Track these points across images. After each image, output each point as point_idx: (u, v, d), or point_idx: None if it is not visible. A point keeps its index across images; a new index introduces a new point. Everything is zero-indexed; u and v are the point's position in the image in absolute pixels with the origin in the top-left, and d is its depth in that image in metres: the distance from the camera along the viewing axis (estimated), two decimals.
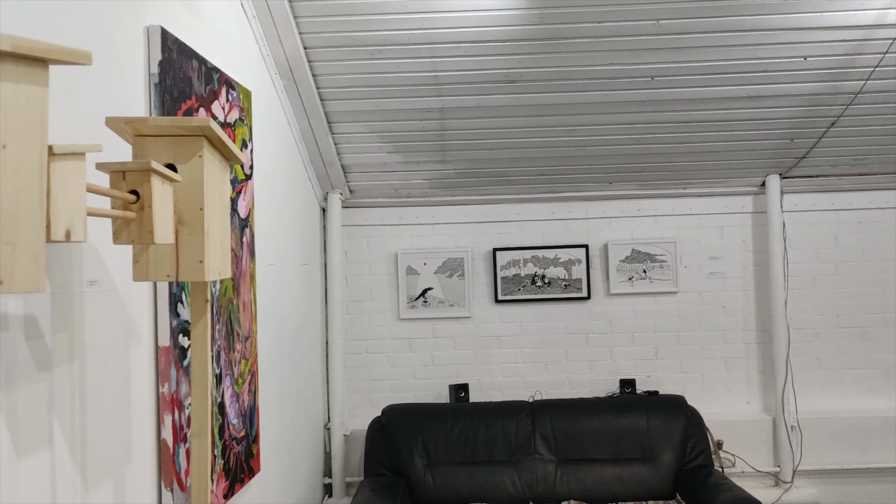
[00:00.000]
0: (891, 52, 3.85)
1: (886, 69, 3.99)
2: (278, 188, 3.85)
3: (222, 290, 2.88)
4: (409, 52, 3.79)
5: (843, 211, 5.03)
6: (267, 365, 3.52)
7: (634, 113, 4.33)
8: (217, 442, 2.81)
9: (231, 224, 2.96)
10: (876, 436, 4.85)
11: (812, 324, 5.03)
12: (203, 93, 2.70)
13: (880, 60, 3.91)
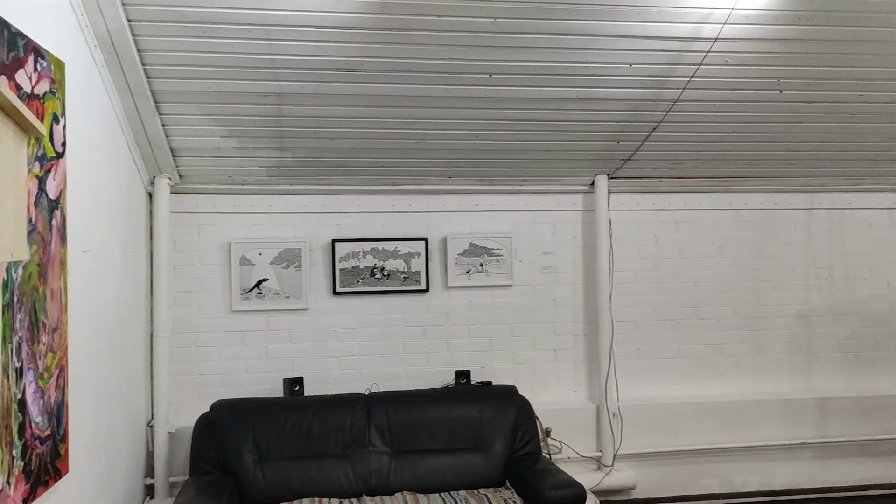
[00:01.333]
0: (705, 63, 4.15)
1: (701, 80, 4.29)
2: (97, 169, 3.59)
3: (25, 277, 2.64)
4: (244, 32, 3.64)
5: (662, 211, 5.38)
6: (80, 359, 3.27)
7: (474, 109, 4.41)
8: (16, 442, 2.57)
9: (37, 205, 2.71)
10: (687, 420, 5.22)
11: (633, 316, 5.34)
12: (5, 59, 2.45)
13: (695, 71, 4.20)
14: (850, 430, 5.37)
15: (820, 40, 4.13)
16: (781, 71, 4.33)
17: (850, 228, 5.57)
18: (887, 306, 5.59)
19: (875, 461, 5.37)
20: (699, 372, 5.42)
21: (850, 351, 5.55)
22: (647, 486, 5.14)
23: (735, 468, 5.25)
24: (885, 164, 5.29)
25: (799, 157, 5.13)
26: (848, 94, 4.57)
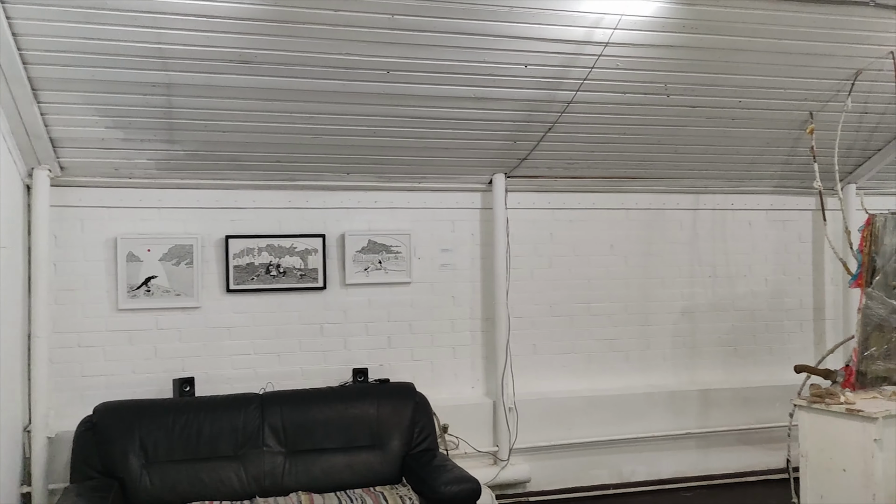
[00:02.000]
0: (597, 67, 4.27)
1: (593, 82, 4.42)
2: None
3: None
4: (129, 19, 3.50)
5: (558, 210, 5.51)
6: None
7: (371, 105, 4.38)
8: None
9: None
10: (579, 413, 5.37)
11: (529, 313, 5.45)
12: None
13: (588, 74, 4.31)
14: (729, 419, 5.65)
15: (703, 48, 4.33)
16: (668, 76, 4.52)
17: (731, 228, 5.86)
18: (764, 302, 5.92)
19: (752, 449, 5.67)
20: (591, 367, 5.59)
21: (730, 345, 5.85)
22: (542, 479, 5.25)
23: (624, 459, 5.44)
24: (762, 168, 5.59)
25: (685, 159, 5.36)
26: (728, 101, 4.81)
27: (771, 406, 5.56)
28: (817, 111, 4.99)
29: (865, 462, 4.12)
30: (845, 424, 4.25)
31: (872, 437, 4.09)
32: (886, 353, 4.53)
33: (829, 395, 4.41)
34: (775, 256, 5.94)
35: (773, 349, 5.90)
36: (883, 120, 5.13)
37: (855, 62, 4.63)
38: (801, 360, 5.61)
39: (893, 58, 4.55)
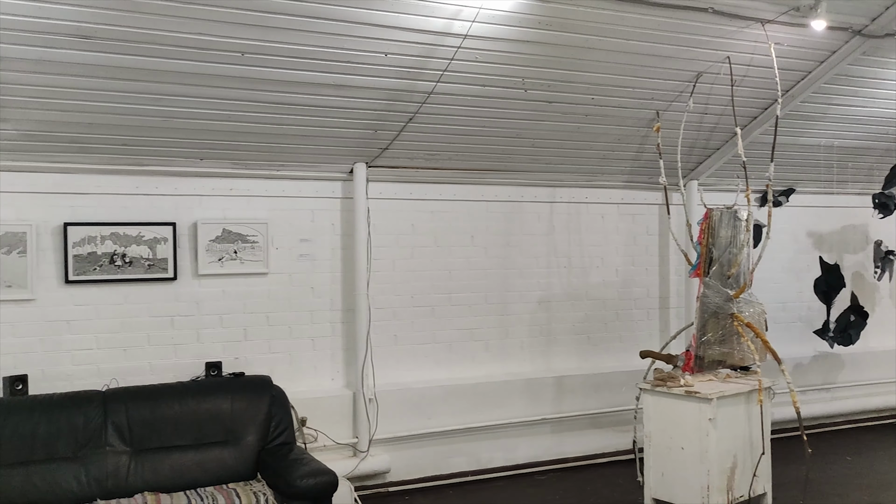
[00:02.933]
0: (456, 59, 4.30)
1: (453, 74, 4.45)
2: None
3: None
4: None
5: (419, 201, 5.52)
6: None
7: (226, 88, 4.22)
8: None
9: None
10: (439, 402, 5.43)
11: (391, 303, 5.44)
12: None
13: (448, 65, 4.34)
14: (582, 404, 5.88)
15: (558, 45, 4.45)
16: (526, 71, 4.62)
17: (585, 221, 6.09)
18: (615, 292, 6.20)
19: (603, 432, 5.93)
20: (452, 356, 5.65)
21: (584, 332, 6.09)
22: (401, 469, 5.27)
23: (482, 446, 5.54)
24: (613, 164, 5.84)
25: (542, 153, 5.51)
26: (582, 97, 4.99)
27: (620, 391, 5.83)
28: (663, 110, 5.27)
29: (701, 440, 4.41)
30: (684, 406, 4.53)
31: (707, 416, 4.39)
32: (721, 339, 4.85)
33: (670, 378, 4.68)
34: (625, 248, 6.23)
35: (623, 336, 6.20)
36: (721, 121, 5.47)
37: (696, 65, 4.91)
38: (648, 346, 5.92)
39: (730, 62, 4.87)
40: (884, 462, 5.93)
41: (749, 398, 4.62)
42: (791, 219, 6.68)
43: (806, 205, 6.77)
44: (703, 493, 4.37)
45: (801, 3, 4.43)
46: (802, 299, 6.77)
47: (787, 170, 6.31)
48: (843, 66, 5.11)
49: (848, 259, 7.02)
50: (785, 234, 6.67)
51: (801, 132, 5.93)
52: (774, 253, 6.44)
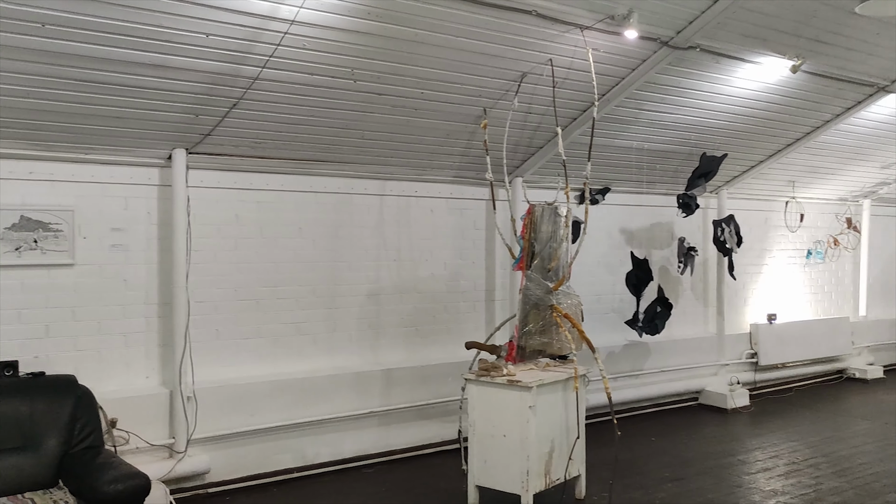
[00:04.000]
0: (283, 45, 4.18)
1: (280, 60, 4.32)
2: None
3: None
4: None
5: (244, 190, 5.32)
6: None
7: (24, 62, 3.85)
8: None
9: None
10: (264, 398, 5.27)
11: (212, 297, 5.21)
12: None
13: (274, 51, 4.20)
14: (410, 396, 5.93)
15: (387, 37, 4.44)
16: (355, 62, 4.57)
17: (415, 214, 6.14)
18: (443, 285, 6.30)
19: (430, 423, 6.01)
20: (278, 351, 5.50)
21: (413, 325, 6.14)
22: (222, 469, 5.06)
23: (309, 441, 5.44)
24: (443, 158, 5.93)
25: (372, 145, 5.49)
26: (411, 91, 5.01)
27: (447, 382, 5.93)
28: (490, 108, 5.41)
29: (521, 427, 4.57)
30: (506, 394, 4.67)
31: (528, 404, 4.55)
32: (542, 329, 5.05)
33: (493, 368, 4.81)
34: (453, 242, 6.35)
35: (451, 329, 6.31)
36: (544, 120, 5.70)
37: (521, 65, 5.08)
38: (475, 338, 6.06)
39: (552, 65, 5.07)
40: (682, 441, 6.45)
41: (566, 385, 4.85)
42: (606, 216, 7.10)
43: (620, 203, 7.22)
44: (522, 477, 4.53)
45: (616, 13, 4.70)
46: (615, 292, 7.20)
47: (603, 170, 6.70)
48: (652, 74, 5.48)
49: (655, 254, 7.56)
50: (601, 231, 7.07)
51: (616, 134, 6.30)
52: (591, 248, 6.81)
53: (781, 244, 8.80)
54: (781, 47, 5.58)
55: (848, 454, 6.05)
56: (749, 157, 7.41)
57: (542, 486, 4.64)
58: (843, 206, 9.33)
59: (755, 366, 8.30)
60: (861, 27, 5.48)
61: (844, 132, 7.36)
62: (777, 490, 5.22)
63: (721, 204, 7.83)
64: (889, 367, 9.62)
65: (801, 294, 9.09)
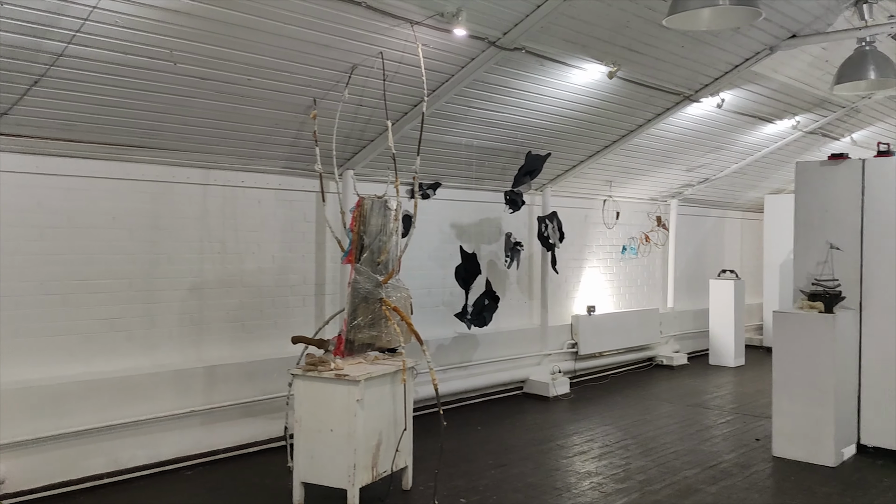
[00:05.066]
0: (91, 20, 3.89)
1: (89, 36, 4.02)
2: None
3: None
4: None
5: (50, 176, 4.92)
6: None
7: None
8: None
9: None
10: (74, 400, 4.90)
11: (14, 291, 4.77)
12: None
13: (81, 26, 3.91)
14: (235, 393, 5.74)
15: (211, 19, 4.26)
16: (175, 43, 4.34)
17: (242, 205, 5.94)
18: (271, 278, 6.14)
19: (257, 420, 5.85)
20: (90, 348, 5.14)
21: (238, 320, 5.94)
22: (21, 478, 4.63)
23: (123, 444, 5.12)
24: (271, 148, 5.78)
25: (195, 132, 5.25)
26: (238, 77, 4.84)
27: (273, 378, 5.79)
28: (320, 98, 5.33)
29: (349, 421, 4.55)
30: (333, 388, 4.63)
31: (355, 397, 4.54)
32: (371, 323, 5.05)
33: (321, 363, 4.76)
34: (282, 234, 6.20)
35: (279, 323, 6.17)
36: (375, 114, 5.70)
37: (352, 57, 5.04)
38: (305, 332, 5.94)
39: (382, 58, 5.08)
40: (507, 429, 6.70)
41: (394, 378, 4.88)
42: (437, 211, 7.22)
43: (450, 198, 7.36)
44: (349, 471, 4.52)
45: (446, 10, 4.78)
46: (445, 285, 7.35)
47: (434, 165, 6.80)
48: (480, 73, 5.63)
49: (484, 249, 7.78)
50: (431, 225, 7.19)
51: (446, 130, 6.42)
52: (422, 242, 6.92)
53: (600, 240, 9.35)
54: (599, 54, 5.92)
55: (654, 435, 6.54)
56: (571, 157, 7.81)
57: (370, 478, 4.65)
58: (653, 205, 10.06)
59: (575, 355, 8.78)
60: (669, 39, 5.93)
61: (655, 137, 7.94)
62: (591, 471, 5.54)
63: (545, 201, 8.19)
64: (692, 354, 10.50)
65: (617, 287, 9.71)
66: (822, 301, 5.83)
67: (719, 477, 5.40)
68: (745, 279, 10.61)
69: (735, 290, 10.00)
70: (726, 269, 10.40)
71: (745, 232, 12.06)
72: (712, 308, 10.18)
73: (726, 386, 8.84)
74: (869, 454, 5.91)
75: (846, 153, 6.17)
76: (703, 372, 9.65)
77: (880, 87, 6.51)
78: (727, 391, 8.55)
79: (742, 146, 9.07)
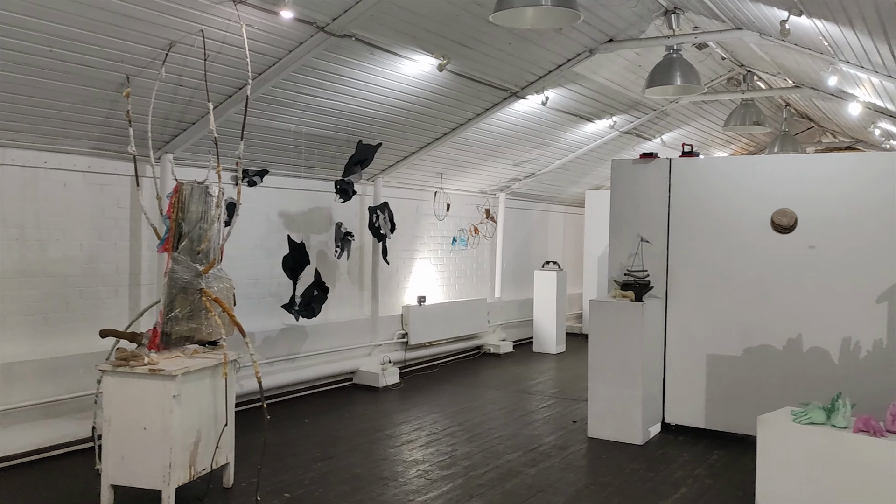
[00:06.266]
0: None
1: None
2: None
3: None
4: None
5: None
6: None
7: None
8: None
9: None
10: None
11: None
12: None
13: None
14: (35, 393, 5.27)
15: None
16: None
17: (44, 188, 5.45)
18: (79, 268, 5.68)
19: (61, 421, 5.39)
20: None
21: (40, 313, 5.45)
22: None
23: None
24: (79, 127, 5.33)
25: None
26: (38, 48, 4.42)
27: (81, 375, 5.37)
28: (134, 75, 4.99)
29: (164, 418, 4.30)
30: (147, 384, 4.36)
31: (171, 393, 4.30)
32: (190, 314, 4.81)
33: (133, 357, 4.46)
34: (92, 220, 5.75)
35: (88, 316, 5.72)
36: (196, 95, 5.41)
37: (170, 33, 4.75)
38: (118, 325, 5.55)
39: (203, 36, 4.83)
40: (335, 421, 6.63)
41: (215, 372, 4.68)
42: (265, 199, 7.00)
43: (278, 186, 7.16)
44: (164, 471, 4.28)
45: None
46: (273, 276, 7.14)
47: (261, 151, 6.58)
48: (309, 58, 5.50)
49: (314, 238, 7.65)
50: (259, 214, 6.96)
51: (274, 116, 6.22)
52: (248, 231, 6.69)
53: (431, 231, 9.47)
54: (430, 46, 5.97)
55: (479, 421, 6.72)
56: (402, 148, 7.84)
57: (187, 477, 4.42)
58: (483, 198, 10.33)
59: (406, 345, 8.85)
60: (496, 35, 6.08)
61: (484, 131, 8.14)
62: (418, 459, 5.60)
63: (377, 191, 8.17)
64: (518, 342, 10.91)
65: (447, 277, 9.89)
66: (633, 290, 6.23)
67: (539, 459, 5.63)
68: (567, 270, 11.16)
69: (557, 281, 10.49)
70: (550, 260, 10.89)
71: (567, 225, 12.68)
72: (536, 298, 10.62)
73: (548, 372, 9.26)
74: (672, 431, 6.40)
75: (656, 153, 6.62)
76: (527, 359, 10.05)
77: (686, 92, 7.05)
78: (549, 377, 8.95)
79: (565, 143, 9.51)
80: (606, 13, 6.33)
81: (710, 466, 5.52)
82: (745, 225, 6.10)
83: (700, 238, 6.28)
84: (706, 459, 5.68)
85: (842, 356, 5.70)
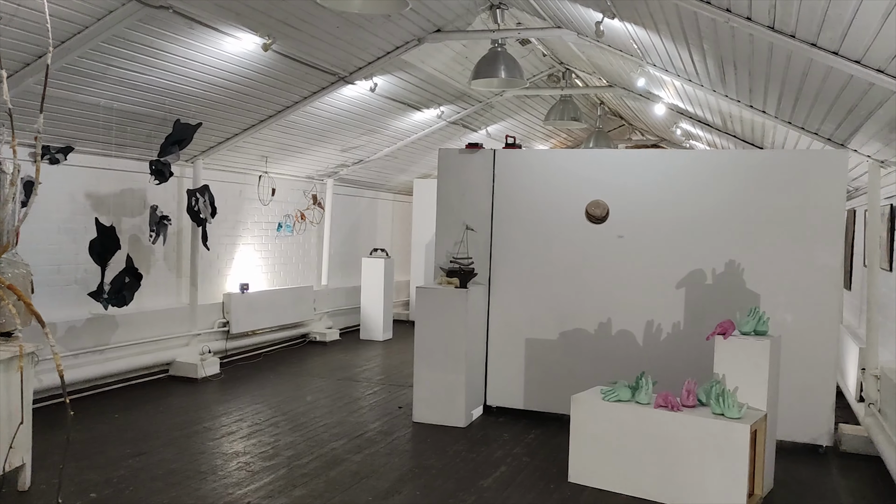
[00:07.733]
0: None
1: None
2: None
3: None
4: None
5: None
6: None
7: None
8: None
9: None
10: None
11: None
12: None
13: None
14: None
15: None
16: None
17: None
18: None
19: None
20: None
21: None
22: None
23: None
24: None
25: None
26: None
27: None
28: None
29: None
30: None
31: None
32: None
33: None
34: None
35: None
36: None
37: None
38: None
39: None
40: (148, 415, 6.26)
41: (9, 366, 4.27)
42: (70, 178, 6.47)
43: (86, 165, 6.63)
44: None
45: None
46: (79, 261, 6.62)
47: (65, 127, 6.06)
48: (120, 28, 5.11)
49: (126, 222, 7.16)
50: (63, 194, 6.43)
51: (80, 89, 5.74)
52: (49, 213, 6.17)
53: (255, 217, 9.18)
54: (254, 24, 5.75)
55: (304, 410, 6.61)
56: (224, 129, 7.51)
57: None
58: (310, 183, 10.15)
59: (227, 334, 8.53)
60: (325, 18, 5.97)
61: (311, 115, 7.98)
62: (239, 451, 5.41)
63: (196, 174, 7.78)
64: (344, 330, 10.86)
65: (271, 264, 9.63)
66: (458, 277, 6.37)
67: (364, 445, 5.63)
68: (395, 258, 11.23)
69: (385, 268, 10.53)
70: (378, 248, 10.91)
71: (396, 213, 12.76)
72: (364, 285, 10.60)
73: (375, 359, 9.28)
74: (493, 413, 6.63)
75: (481, 144, 6.79)
76: (354, 346, 10.02)
77: (509, 85, 7.28)
78: (375, 364, 8.98)
79: (393, 131, 9.54)
80: (435, 4, 6.39)
81: (528, 445, 5.78)
82: (562, 215, 6.41)
83: (521, 227, 6.53)
84: (524, 438, 5.94)
85: (645, 338, 6.16)
